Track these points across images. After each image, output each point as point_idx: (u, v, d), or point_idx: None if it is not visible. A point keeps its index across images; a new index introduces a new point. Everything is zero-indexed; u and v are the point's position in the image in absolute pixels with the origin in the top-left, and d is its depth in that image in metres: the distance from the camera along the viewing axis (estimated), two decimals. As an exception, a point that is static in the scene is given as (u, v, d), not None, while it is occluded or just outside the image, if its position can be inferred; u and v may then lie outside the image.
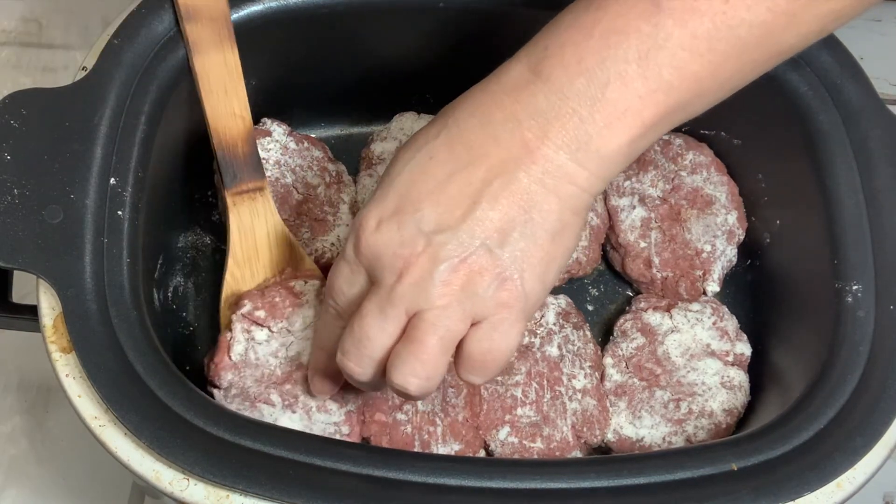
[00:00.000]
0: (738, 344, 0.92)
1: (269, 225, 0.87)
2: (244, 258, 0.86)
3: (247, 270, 0.86)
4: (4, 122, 0.77)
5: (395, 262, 0.66)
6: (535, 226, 0.66)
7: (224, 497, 0.69)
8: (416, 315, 0.67)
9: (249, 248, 0.86)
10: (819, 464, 0.72)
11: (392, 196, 0.68)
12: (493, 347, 0.68)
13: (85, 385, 0.72)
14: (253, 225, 0.86)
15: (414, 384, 0.68)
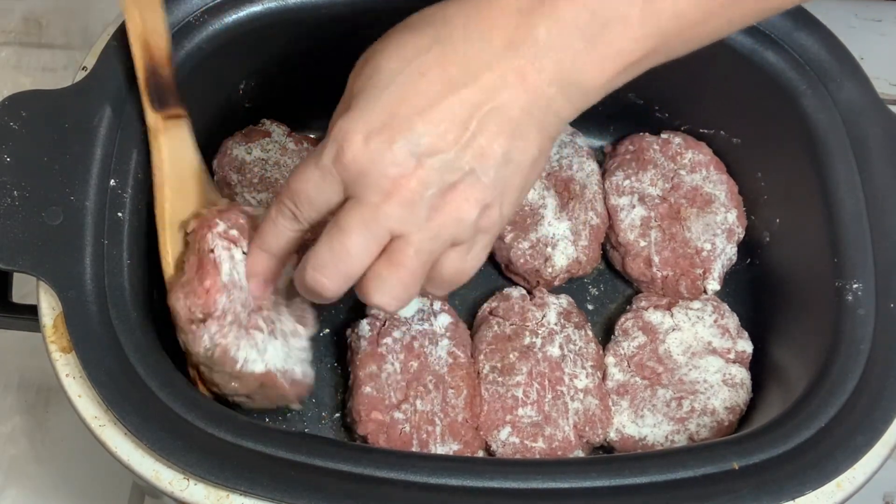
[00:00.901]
0: (739, 341, 0.92)
1: (193, 154, 0.82)
2: (179, 186, 0.81)
3: (179, 201, 0.81)
4: (4, 124, 0.77)
5: (383, 181, 0.65)
6: (520, 153, 0.67)
7: (224, 497, 0.69)
8: (400, 237, 0.66)
9: (181, 177, 0.81)
10: (820, 462, 0.72)
11: (379, 110, 0.66)
12: (464, 268, 0.70)
13: (85, 385, 0.72)
14: (182, 153, 0.81)
15: (394, 305, 0.68)
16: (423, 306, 0.91)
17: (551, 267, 0.94)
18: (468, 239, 0.68)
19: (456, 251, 0.68)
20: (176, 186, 0.81)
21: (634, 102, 1.02)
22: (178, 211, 0.81)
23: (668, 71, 0.97)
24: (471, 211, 0.66)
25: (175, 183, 0.81)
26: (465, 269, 0.70)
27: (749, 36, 0.90)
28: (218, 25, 0.86)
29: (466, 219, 0.66)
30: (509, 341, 0.90)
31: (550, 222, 0.95)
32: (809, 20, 0.90)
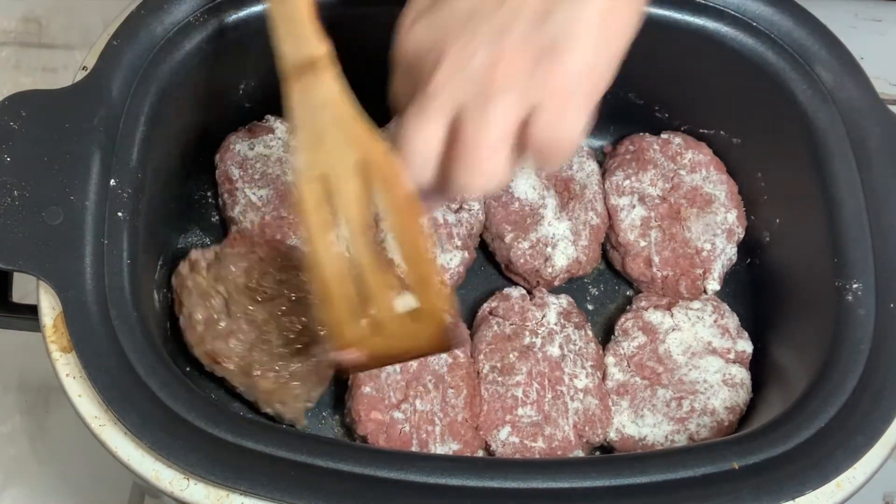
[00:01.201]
0: (739, 341, 0.92)
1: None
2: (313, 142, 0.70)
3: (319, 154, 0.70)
4: (4, 124, 0.77)
5: (429, 56, 0.60)
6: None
7: (224, 497, 0.69)
8: (459, 113, 0.61)
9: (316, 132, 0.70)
10: (820, 462, 0.72)
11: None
12: (556, 131, 0.61)
13: (85, 385, 0.72)
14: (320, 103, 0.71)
15: (475, 186, 0.62)
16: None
17: (551, 267, 0.94)
18: (544, 100, 0.60)
19: (542, 114, 0.60)
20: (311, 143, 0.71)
21: (634, 102, 1.02)
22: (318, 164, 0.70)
23: (668, 71, 0.98)
24: (526, 66, 0.59)
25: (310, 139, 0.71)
26: (558, 132, 0.61)
27: (749, 36, 0.90)
28: (218, 25, 0.86)
29: (525, 76, 0.59)
30: (509, 341, 0.90)
31: (550, 222, 0.95)
32: (809, 20, 0.90)
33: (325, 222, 0.70)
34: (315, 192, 0.69)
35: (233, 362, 0.84)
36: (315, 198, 0.69)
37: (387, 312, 0.71)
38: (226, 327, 0.85)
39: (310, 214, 0.69)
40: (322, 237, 0.70)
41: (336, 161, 0.69)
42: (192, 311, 0.85)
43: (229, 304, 0.86)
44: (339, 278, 0.71)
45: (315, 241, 0.70)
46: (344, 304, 0.71)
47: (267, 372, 0.84)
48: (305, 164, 0.69)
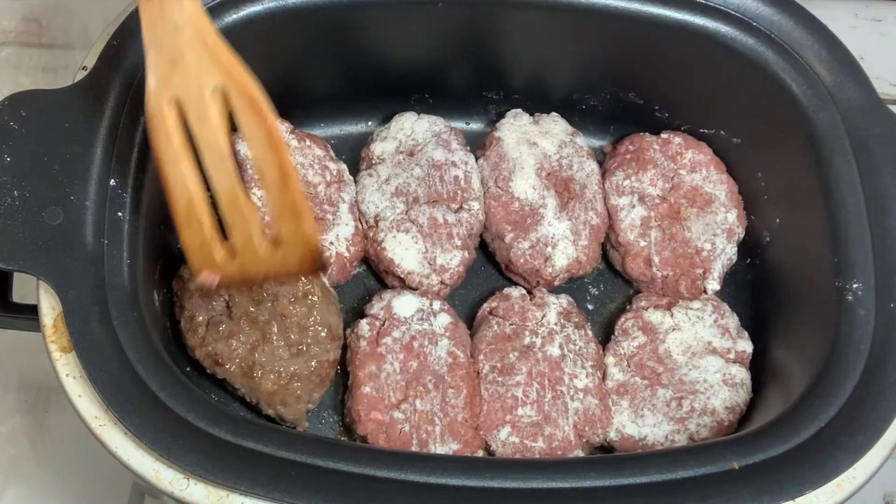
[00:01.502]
0: (739, 341, 0.92)
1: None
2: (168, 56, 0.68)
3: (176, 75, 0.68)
4: (4, 124, 0.77)
5: None
6: None
7: (224, 497, 0.69)
8: None
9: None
10: (820, 462, 0.72)
11: None
12: None
13: (85, 385, 0.72)
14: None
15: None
16: (423, 306, 0.91)
17: (551, 267, 0.94)
18: None
19: None
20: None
21: (634, 102, 1.02)
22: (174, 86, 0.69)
23: (668, 71, 0.98)
24: None
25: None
26: None
27: (749, 36, 0.90)
28: (218, 25, 0.86)
29: None
30: (509, 341, 0.90)
31: (550, 222, 0.95)
32: (810, 20, 0.90)
33: (180, 147, 0.69)
34: (169, 117, 0.68)
35: (234, 364, 0.84)
36: (169, 123, 0.68)
37: (246, 239, 0.71)
38: (227, 329, 0.85)
39: (162, 141, 0.68)
40: (175, 164, 0.69)
41: (195, 85, 0.67)
42: (194, 314, 0.86)
43: (231, 305, 0.86)
44: (194, 205, 0.70)
45: (167, 168, 0.69)
46: (198, 229, 0.71)
47: (268, 373, 0.84)
48: (157, 86, 0.67)
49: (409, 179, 0.97)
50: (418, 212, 0.95)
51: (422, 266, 0.94)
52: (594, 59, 0.99)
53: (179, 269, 0.88)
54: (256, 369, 0.84)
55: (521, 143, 0.99)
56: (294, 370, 0.85)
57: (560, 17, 0.93)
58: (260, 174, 0.68)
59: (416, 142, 0.99)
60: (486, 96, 1.05)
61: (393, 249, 0.93)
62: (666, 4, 0.91)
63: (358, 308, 0.95)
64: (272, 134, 0.67)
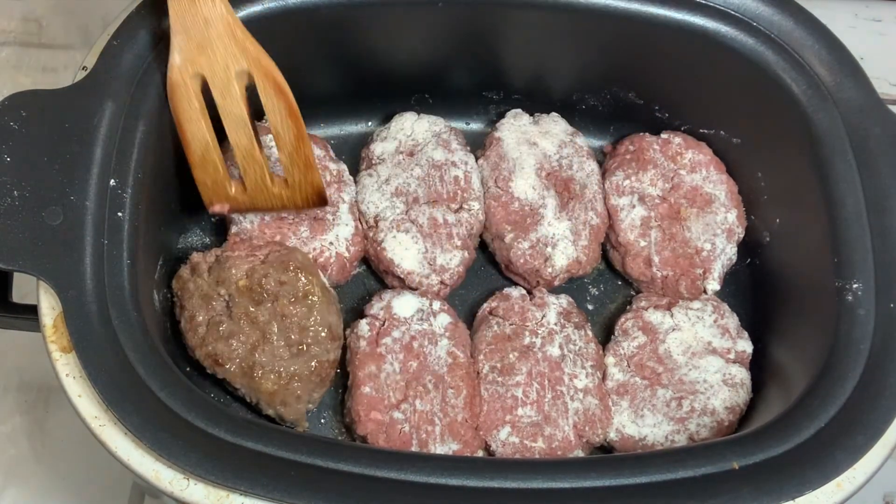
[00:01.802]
0: (739, 341, 0.92)
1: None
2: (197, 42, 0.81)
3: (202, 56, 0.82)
4: (4, 124, 0.77)
5: None
6: None
7: (224, 497, 0.69)
8: None
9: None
10: (820, 462, 0.72)
11: None
12: None
13: (85, 385, 0.72)
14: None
15: None
16: (423, 306, 0.91)
17: (551, 267, 0.94)
18: None
19: None
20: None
21: (634, 102, 1.02)
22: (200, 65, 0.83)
23: (668, 71, 0.98)
24: None
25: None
26: None
27: (749, 36, 0.90)
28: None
29: None
30: (509, 341, 0.90)
31: (550, 222, 0.95)
32: (810, 20, 0.90)
33: (200, 109, 0.83)
34: (191, 87, 0.82)
35: (234, 364, 0.84)
36: (191, 91, 0.82)
37: (259, 179, 0.86)
38: (227, 329, 0.85)
39: (184, 104, 0.82)
40: (195, 122, 0.83)
41: (221, 67, 0.81)
42: (194, 314, 0.86)
43: (231, 306, 0.86)
44: (210, 152, 0.84)
45: (187, 126, 0.83)
46: (213, 170, 0.85)
47: (269, 373, 0.84)
48: (183, 63, 0.81)
49: (409, 179, 0.97)
50: (418, 212, 0.95)
51: (422, 266, 0.94)
52: (594, 59, 0.99)
53: (179, 269, 0.88)
54: (256, 369, 0.84)
55: (521, 143, 0.99)
56: (294, 370, 0.85)
57: (560, 17, 0.93)
58: (276, 136, 0.84)
59: (416, 142, 0.99)
60: (486, 96, 1.05)
61: (393, 249, 0.93)
62: (666, 4, 0.91)
63: (358, 308, 0.95)
64: (291, 108, 0.83)
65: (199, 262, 0.88)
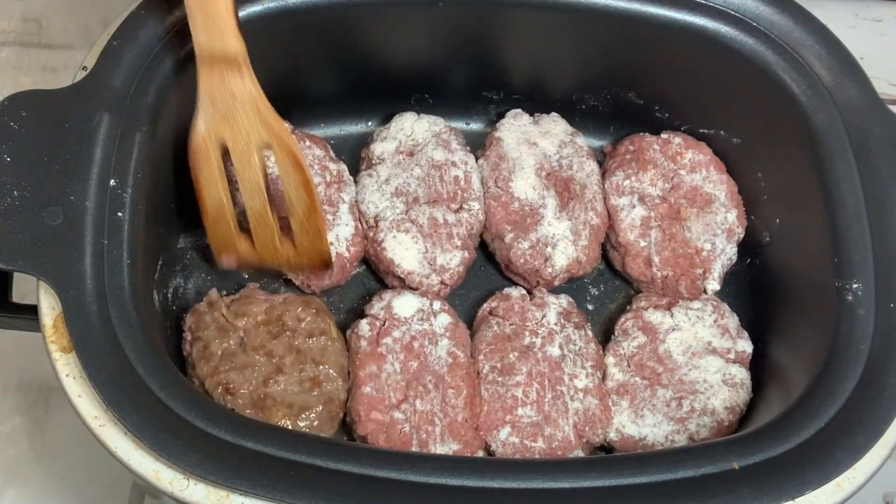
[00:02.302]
0: (739, 341, 0.92)
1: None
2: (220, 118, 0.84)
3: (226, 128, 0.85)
4: (4, 124, 0.77)
5: None
6: None
7: (224, 497, 0.69)
8: None
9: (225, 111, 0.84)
10: (820, 462, 0.72)
11: None
12: None
13: (85, 385, 0.72)
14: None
15: None
16: (423, 306, 0.91)
17: (551, 267, 0.94)
18: None
19: None
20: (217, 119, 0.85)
21: (634, 102, 1.02)
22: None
23: (668, 71, 0.98)
24: None
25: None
26: None
27: (749, 36, 0.90)
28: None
29: None
30: (509, 341, 0.90)
31: (550, 222, 0.95)
32: (810, 20, 0.90)
33: (219, 174, 0.86)
34: (213, 153, 0.84)
35: (246, 393, 0.84)
36: (211, 157, 0.84)
37: (268, 240, 0.90)
38: (241, 360, 0.86)
39: (204, 167, 0.85)
40: (213, 185, 0.86)
41: (243, 138, 0.84)
42: (209, 343, 0.86)
43: (246, 341, 0.87)
44: (224, 212, 0.87)
45: (205, 186, 0.86)
46: (226, 227, 0.88)
47: (280, 406, 0.84)
48: (207, 130, 0.83)
49: (409, 179, 0.97)
50: (418, 212, 0.95)
51: (422, 266, 0.94)
52: (594, 59, 0.99)
53: (197, 304, 0.90)
54: (268, 401, 0.84)
55: (521, 143, 0.99)
56: (305, 404, 0.85)
57: (560, 17, 0.93)
58: (290, 205, 0.87)
59: (416, 142, 0.99)
60: (486, 96, 1.05)
61: (393, 249, 0.93)
62: (666, 4, 0.91)
63: (358, 308, 0.95)
64: (306, 181, 0.85)
65: (217, 300, 0.90)
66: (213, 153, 0.84)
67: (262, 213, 0.88)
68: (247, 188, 0.87)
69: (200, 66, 0.81)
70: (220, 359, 0.86)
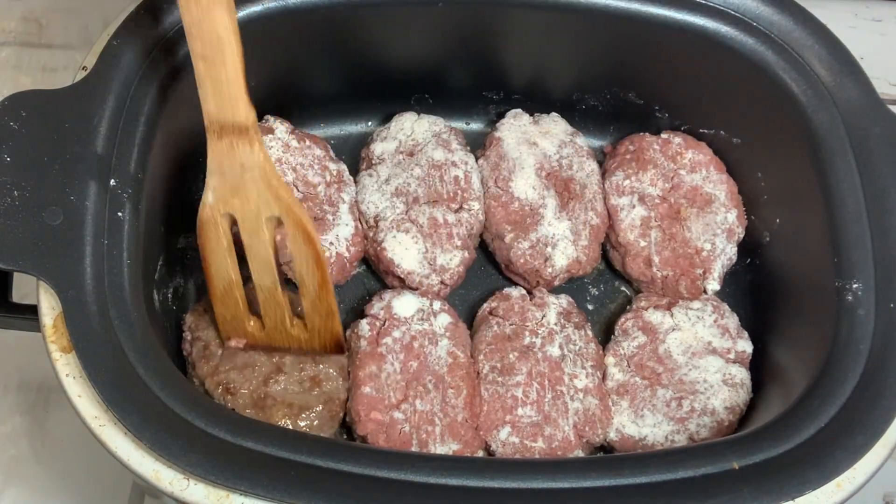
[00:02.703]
0: (739, 341, 0.92)
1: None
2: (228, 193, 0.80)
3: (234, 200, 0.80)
4: (4, 124, 0.77)
5: None
6: None
7: (224, 497, 0.69)
8: None
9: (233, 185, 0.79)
10: (820, 462, 0.72)
11: None
12: None
13: (85, 385, 0.72)
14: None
15: None
16: (423, 306, 0.91)
17: (551, 267, 0.94)
18: None
19: None
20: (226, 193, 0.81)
21: (634, 102, 1.02)
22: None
23: (668, 71, 0.98)
24: None
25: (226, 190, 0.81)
26: None
27: (749, 36, 0.90)
28: (218, 25, 0.86)
29: None
30: (509, 341, 0.90)
31: (550, 222, 0.95)
32: (810, 20, 0.90)
33: (227, 248, 0.82)
34: (221, 226, 0.81)
35: (246, 393, 0.85)
36: (221, 230, 0.81)
37: (278, 320, 0.86)
38: (242, 359, 0.86)
39: (213, 242, 0.82)
40: (222, 260, 0.83)
41: (252, 210, 0.80)
42: (209, 343, 0.86)
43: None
44: (232, 289, 0.84)
45: (213, 262, 0.83)
46: (234, 306, 0.85)
47: (280, 405, 0.85)
48: (215, 202, 0.80)
49: (409, 179, 0.97)
50: (418, 212, 0.95)
51: (422, 266, 0.94)
52: (594, 59, 0.99)
53: (197, 302, 0.90)
54: (268, 400, 0.84)
55: (521, 143, 0.99)
56: (305, 404, 0.85)
57: (560, 17, 0.93)
58: (301, 282, 0.84)
59: (416, 142, 0.99)
60: (486, 96, 1.05)
61: (393, 249, 0.93)
62: (666, 4, 0.91)
63: (358, 308, 0.96)
64: (318, 257, 0.82)
65: None
66: (222, 226, 0.81)
67: (272, 291, 0.85)
68: (256, 263, 0.83)
69: (210, 137, 0.78)
70: (220, 359, 0.86)
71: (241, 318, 0.86)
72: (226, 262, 0.83)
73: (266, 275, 0.84)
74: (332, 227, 0.94)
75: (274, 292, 0.85)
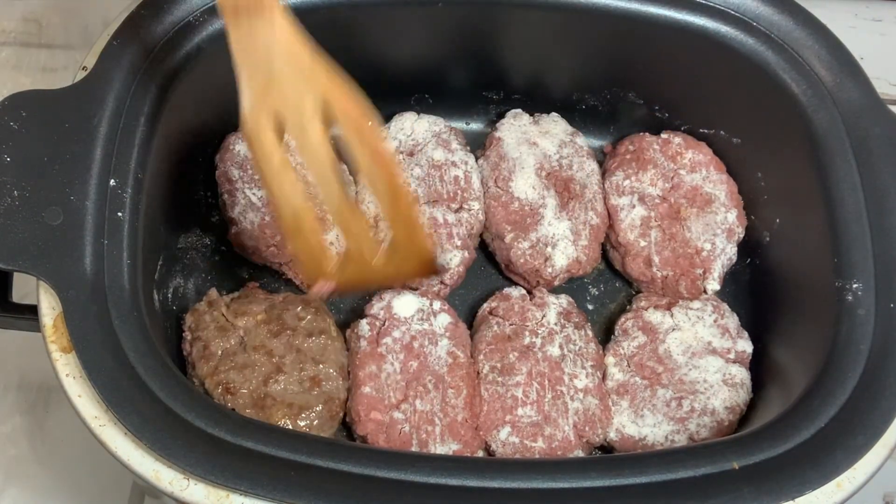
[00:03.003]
0: (739, 341, 0.92)
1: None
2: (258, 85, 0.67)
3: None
4: (4, 124, 0.77)
5: None
6: None
7: (224, 497, 0.69)
8: None
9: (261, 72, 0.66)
10: (820, 462, 0.72)
11: None
12: None
13: (85, 385, 0.72)
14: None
15: None
16: (423, 306, 0.91)
17: (551, 267, 0.94)
18: None
19: None
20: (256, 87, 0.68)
21: (634, 102, 1.02)
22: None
23: (668, 71, 0.98)
24: None
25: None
26: None
27: (749, 36, 0.90)
28: (218, 25, 0.86)
29: None
30: (509, 341, 0.90)
31: (550, 222, 0.95)
32: (810, 20, 0.90)
33: (281, 163, 0.67)
34: (268, 132, 0.67)
35: (246, 393, 0.84)
36: (268, 139, 0.67)
37: (358, 249, 0.70)
38: (241, 359, 0.86)
39: (265, 156, 0.67)
40: (278, 180, 0.68)
41: (292, 103, 0.66)
42: (209, 343, 0.87)
43: (246, 341, 0.87)
44: (300, 217, 0.69)
45: (271, 184, 0.68)
46: (306, 241, 0.70)
47: (280, 405, 0.84)
48: (254, 104, 0.66)
49: (409, 179, 0.97)
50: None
51: (422, 266, 0.93)
52: (594, 59, 0.99)
53: (197, 304, 0.90)
54: (268, 400, 0.84)
55: (521, 143, 0.99)
56: (305, 403, 0.85)
57: (560, 16, 0.93)
58: (371, 186, 0.68)
59: (416, 142, 0.99)
60: (486, 96, 1.05)
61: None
62: (666, 4, 0.91)
63: (358, 308, 0.95)
64: (377, 150, 0.66)
65: (217, 300, 0.90)
66: (269, 136, 0.66)
67: (342, 201, 0.68)
68: (313, 171, 0.67)
69: (226, 21, 0.65)
70: (220, 358, 0.86)
71: (317, 253, 0.71)
72: (283, 183, 0.68)
73: (328, 188, 0.68)
74: (332, 227, 0.94)
75: (342, 210, 0.69)
